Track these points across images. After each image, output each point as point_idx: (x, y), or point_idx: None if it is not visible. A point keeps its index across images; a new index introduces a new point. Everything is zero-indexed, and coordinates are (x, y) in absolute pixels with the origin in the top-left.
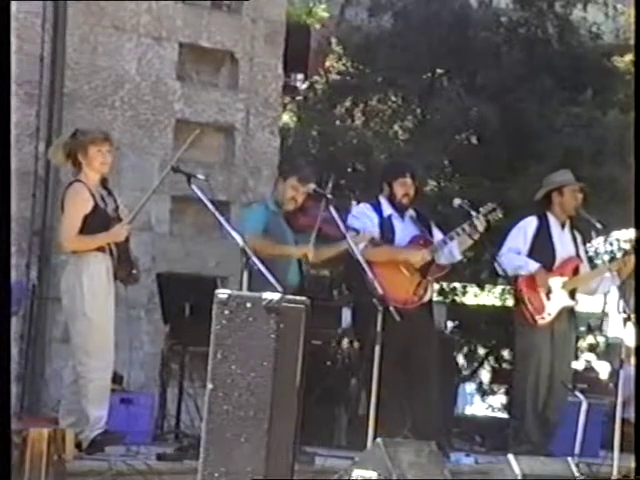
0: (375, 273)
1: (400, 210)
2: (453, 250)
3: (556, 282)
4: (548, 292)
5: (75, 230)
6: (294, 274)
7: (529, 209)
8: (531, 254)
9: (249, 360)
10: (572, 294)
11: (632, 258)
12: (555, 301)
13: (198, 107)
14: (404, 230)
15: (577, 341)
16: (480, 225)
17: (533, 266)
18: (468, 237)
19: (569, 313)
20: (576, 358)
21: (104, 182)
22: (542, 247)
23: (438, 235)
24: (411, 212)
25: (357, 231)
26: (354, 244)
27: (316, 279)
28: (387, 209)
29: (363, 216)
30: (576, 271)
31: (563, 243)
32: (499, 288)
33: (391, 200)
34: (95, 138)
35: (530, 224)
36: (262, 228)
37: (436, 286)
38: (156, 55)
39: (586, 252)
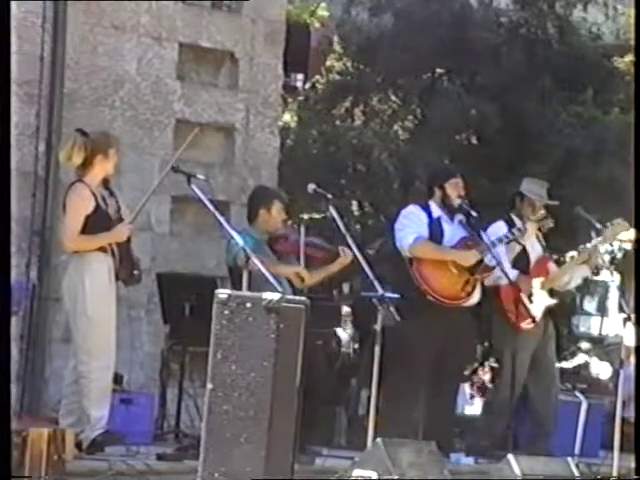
0: (421, 269)
1: (451, 212)
2: (500, 256)
3: (535, 284)
4: (530, 296)
5: (77, 230)
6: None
7: None
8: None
9: (249, 360)
10: (550, 292)
11: (596, 248)
12: (537, 304)
13: (198, 107)
14: (453, 232)
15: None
16: (529, 230)
17: (512, 274)
18: (516, 242)
19: (547, 311)
20: (577, 358)
21: (106, 183)
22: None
23: (487, 239)
24: (460, 216)
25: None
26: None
27: None
28: (436, 211)
29: (413, 216)
30: (547, 270)
31: (532, 244)
32: None
33: (444, 202)
34: (114, 141)
35: (501, 229)
36: (255, 249)
37: None
38: (156, 55)
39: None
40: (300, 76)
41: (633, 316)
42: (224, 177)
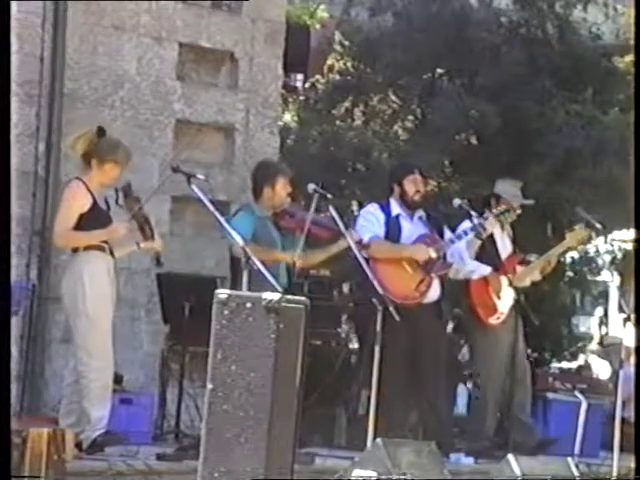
0: (376, 269)
1: (411, 209)
2: (462, 253)
3: (503, 281)
4: (498, 292)
5: (67, 226)
6: (283, 277)
7: (529, 209)
8: (480, 256)
9: (249, 360)
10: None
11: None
12: (505, 300)
13: (198, 107)
14: (411, 230)
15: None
16: (490, 226)
17: (485, 270)
18: (476, 238)
19: (514, 307)
20: (575, 357)
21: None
22: (488, 248)
23: (448, 235)
24: (421, 213)
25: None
26: (353, 244)
27: (316, 279)
28: (396, 209)
29: (370, 215)
30: (515, 268)
31: (503, 241)
32: None
33: (403, 199)
34: (121, 155)
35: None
36: (250, 235)
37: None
38: (156, 55)
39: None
40: (300, 76)
41: (633, 316)
42: (224, 177)
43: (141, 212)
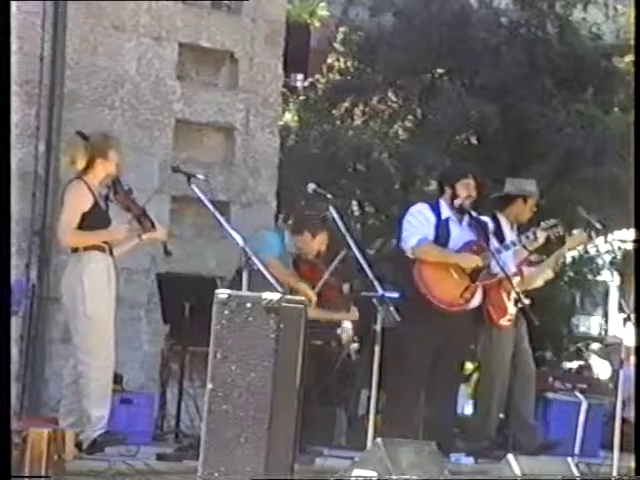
0: (422, 272)
1: (460, 213)
2: (508, 261)
3: (514, 283)
4: (509, 294)
5: (73, 225)
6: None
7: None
8: None
9: (249, 360)
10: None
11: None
12: (513, 301)
13: (198, 107)
14: (460, 235)
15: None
16: (540, 238)
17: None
18: (524, 248)
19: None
20: (575, 357)
21: (115, 181)
22: None
23: (495, 243)
24: (469, 218)
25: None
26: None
27: None
28: (445, 211)
29: (420, 215)
30: (521, 270)
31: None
32: None
33: (454, 202)
34: (114, 142)
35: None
36: (278, 252)
37: None
38: (156, 55)
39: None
40: (300, 76)
41: (633, 316)
42: (224, 177)
43: (135, 204)
